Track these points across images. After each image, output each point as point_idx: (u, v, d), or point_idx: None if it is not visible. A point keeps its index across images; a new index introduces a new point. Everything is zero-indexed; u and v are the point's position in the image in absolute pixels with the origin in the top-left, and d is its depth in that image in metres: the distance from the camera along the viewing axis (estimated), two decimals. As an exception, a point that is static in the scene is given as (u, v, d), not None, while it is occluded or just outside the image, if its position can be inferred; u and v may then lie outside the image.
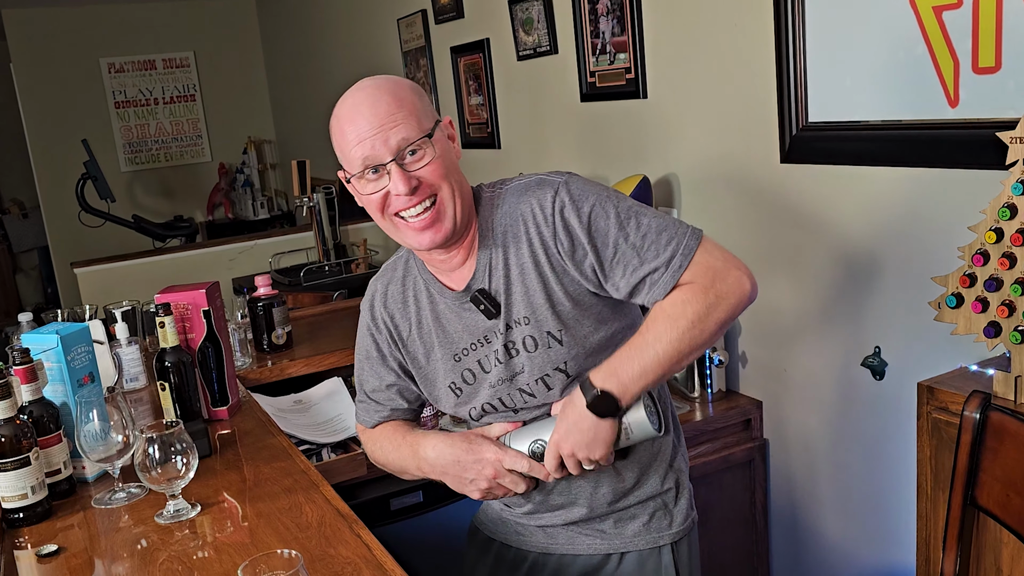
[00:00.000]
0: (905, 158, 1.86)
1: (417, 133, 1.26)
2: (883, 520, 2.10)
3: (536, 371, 1.37)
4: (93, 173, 5.26)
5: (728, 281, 1.29)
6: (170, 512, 1.44)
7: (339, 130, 1.30)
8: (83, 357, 1.61)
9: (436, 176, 1.28)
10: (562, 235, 1.32)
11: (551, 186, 1.34)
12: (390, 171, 1.26)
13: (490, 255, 1.37)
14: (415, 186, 1.27)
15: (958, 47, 1.71)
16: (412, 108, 1.27)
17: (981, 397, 1.45)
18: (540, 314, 1.35)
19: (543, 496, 1.46)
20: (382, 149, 1.25)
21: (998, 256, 1.47)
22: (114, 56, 6.35)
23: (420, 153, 1.27)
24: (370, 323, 1.51)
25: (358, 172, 1.28)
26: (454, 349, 1.42)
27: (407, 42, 4.18)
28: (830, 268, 2.12)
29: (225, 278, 4.30)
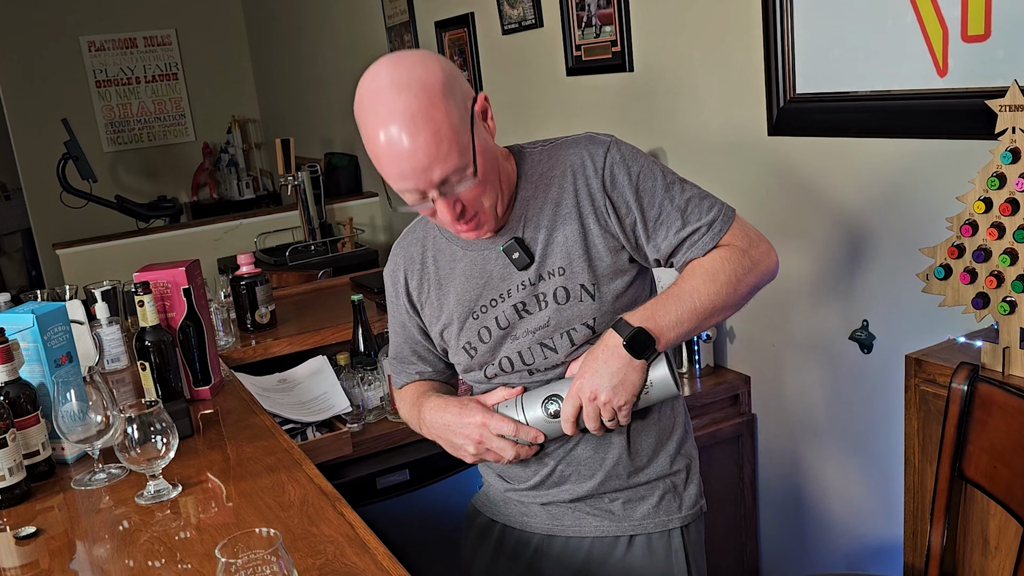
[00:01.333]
0: (894, 129, 1.84)
1: (457, 163, 1.22)
2: (871, 493, 2.10)
3: (563, 324, 1.35)
4: (74, 153, 5.19)
5: (761, 249, 1.36)
6: (151, 492, 1.42)
7: (375, 156, 1.25)
8: (60, 337, 1.58)
9: (478, 195, 1.27)
10: (610, 188, 1.33)
11: (602, 143, 1.36)
12: (434, 199, 1.25)
13: (528, 204, 1.36)
14: (461, 209, 1.27)
15: (947, 15, 1.69)
16: (451, 137, 1.21)
17: (969, 369, 1.44)
18: (576, 265, 1.34)
19: (548, 469, 1.42)
20: (425, 184, 1.23)
21: (987, 226, 1.46)
22: (94, 34, 6.26)
23: (464, 179, 1.25)
24: (391, 288, 1.51)
25: (401, 194, 1.28)
26: (472, 306, 1.40)
27: (391, 17, 4.13)
28: (818, 241, 2.11)
29: (210, 258, 4.26)
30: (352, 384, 2.12)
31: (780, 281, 2.22)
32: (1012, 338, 1.47)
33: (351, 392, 2.12)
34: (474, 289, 1.39)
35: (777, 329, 2.27)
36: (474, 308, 1.39)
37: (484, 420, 1.35)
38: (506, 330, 1.38)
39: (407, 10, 3.93)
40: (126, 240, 4.44)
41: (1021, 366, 1.46)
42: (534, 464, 1.43)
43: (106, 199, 5.63)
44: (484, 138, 1.28)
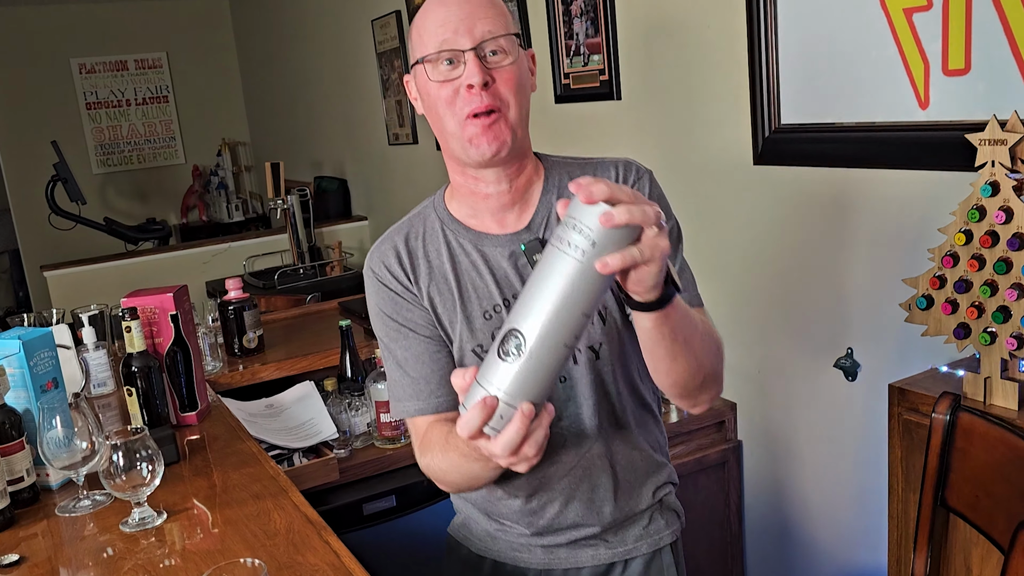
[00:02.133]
0: (877, 160, 1.86)
1: (503, 30, 1.19)
2: (856, 520, 2.11)
3: None
4: (63, 175, 5.19)
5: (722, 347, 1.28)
6: (135, 520, 1.41)
7: (423, 12, 1.21)
8: (46, 363, 1.58)
9: (509, 86, 1.19)
10: None
11: (636, 168, 1.33)
12: (467, 60, 1.17)
13: (552, 210, 1.29)
14: (488, 82, 1.18)
15: (928, 49, 1.72)
16: (502, 10, 1.21)
17: (951, 398, 1.45)
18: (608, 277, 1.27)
19: (548, 520, 1.36)
20: (465, 36, 1.17)
21: (967, 258, 1.48)
22: (85, 57, 6.28)
23: (501, 55, 1.19)
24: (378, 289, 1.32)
25: (432, 53, 1.19)
26: (484, 305, 1.28)
27: (381, 43, 4.16)
28: (803, 269, 2.13)
29: (199, 281, 4.26)
30: (339, 410, 2.12)
31: (765, 308, 2.24)
32: (993, 368, 1.48)
33: (338, 418, 2.12)
34: (486, 286, 1.28)
35: (763, 356, 2.28)
36: (487, 308, 1.29)
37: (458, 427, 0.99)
38: None
39: (397, 36, 3.96)
40: (114, 262, 4.43)
41: (1002, 396, 1.48)
42: (528, 517, 1.37)
43: (95, 221, 5.63)
44: (526, 64, 1.24)
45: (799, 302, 2.15)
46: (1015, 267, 1.41)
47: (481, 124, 1.19)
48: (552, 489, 1.34)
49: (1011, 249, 1.41)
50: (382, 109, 4.31)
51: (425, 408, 1.29)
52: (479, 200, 1.29)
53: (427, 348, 1.30)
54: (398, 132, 4.20)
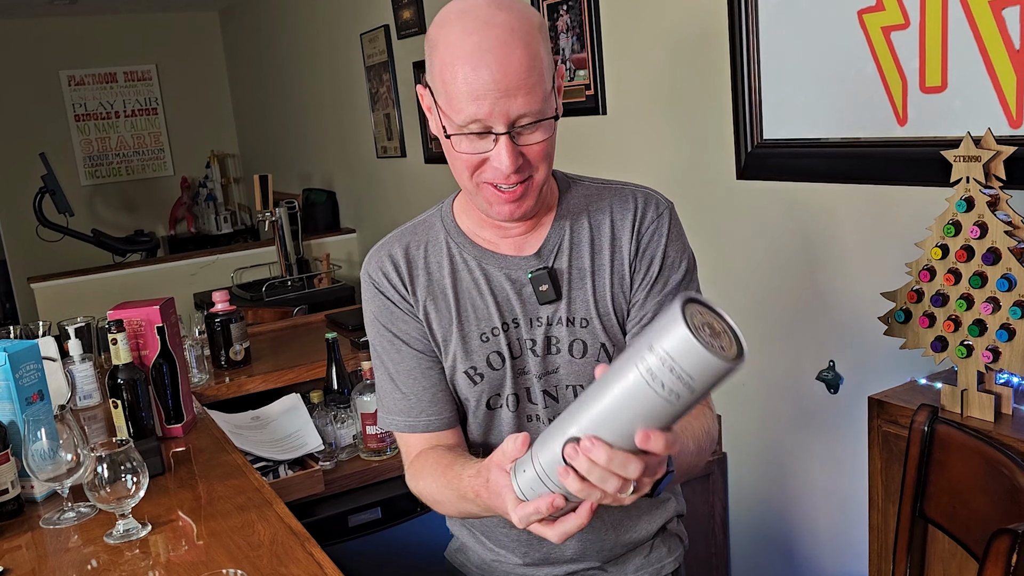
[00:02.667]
0: (857, 175, 1.89)
1: (539, 106, 1.09)
2: (839, 531, 2.12)
3: (573, 378, 1.24)
4: (51, 187, 5.18)
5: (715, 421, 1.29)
6: (120, 532, 1.42)
7: (450, 65, 1.08)
8: (32, 375, 1.58)
9: (539, 158, 1.13)
10: (642, 252, 1.25)
11: (657, 204, 1.28)
12: (498, 140, 1.10)
13: (565, 237, 1.24)
14: (520, 164, 1.12)
15: (906, 67, 1.75)
16: (541, 72, 1.08)
17: (929, 410, 1.47)
18: (602, 322, 1.23)
19: (545, 552, 1.32)
20: (499, 117, 1.07)
21: (944, 272, 1.50)
22: (74, 69, 6.29)
23: (534, 130, 1.11)
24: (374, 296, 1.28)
25: (460, 126, 1.10)
26: (483, 326, 1.24)
27: (370, 57, 4.18)
28: (785, 283, 2.15)
29: (186, 293, 4.26)
30: (325, 422, 2.13)
31: (748, 321, 2.26)
32: (970, 381, 1.50)
33: (324, 430, 2.13)
34: (486, 307, 1.24)
35: (747, 368, 2.29)
36: (484, 330, 1.24)
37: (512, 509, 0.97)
38: (517, 360, 1.24)
39: (386, 50, 3.99)
40: (102, 274, 4.43)
41: (979, 408, 1.50)
42: (524, 547, 1.34)
43: (83, 233, 5.62)
44: (555, 126, 1.15)
45: (782, 315, 2.17)
46: (990, 281, 1.43)
47: (504, 197, 1.15)
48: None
49: (986, 263, 1.43)
50: (371, 122, 4.33)
51: (415, 426, 1.27)
52: (489, 226, 1.25)
53: (420, 363, 1.27)
54: (386, 145, 4.22)
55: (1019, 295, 1.41)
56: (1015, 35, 1.54)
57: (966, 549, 1.40)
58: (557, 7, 2.73)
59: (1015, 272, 1.40)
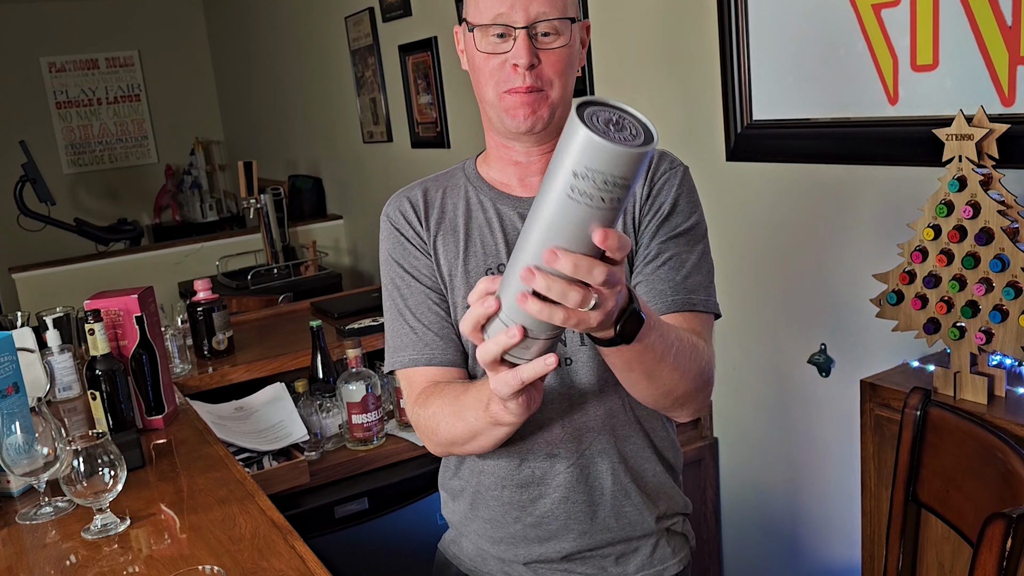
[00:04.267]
0: (848, 155, 1.86)
1: (559, 13, 1.18)
2: (831, 515, 2.11)
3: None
4: (32, 175, 5.11)
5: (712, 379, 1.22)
6: (97, 527, 1.38)
7: None
8: (6, 367, 1.54)
9: (555, 69, 1.19)
10: (652, 199, 1.25)
11: (671, 159, 1.30)
12: (517, 37, 1.17)
13: None
14: (534, 64, 1.17)
15: (897, 45, 1.72)
16: None
17: (921, 393, 1.45)
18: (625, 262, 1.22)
19: (533, 519, 1.29)
20: (520, 12, 1.16)
21: (936, 253, 1.48)
22: (55, 55, 6.20)
23: (553, 36, 1.18)
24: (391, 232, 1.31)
25: (484, 24, 1.18)
26: (488, 262, 1.26)
27: (355, 40, 4.13)
28: (776, 265, 2.12)
29: (171, 282, 4.21)
30: (310, 412, 2.10)
31: (739, 305, 2.24)
32: (963, 363, 1.48)
33: (309, 420, 2.09)
34: (495, 243, 1.27)
35: (738, 352, 2.28)
36: (491, 264, 1.27)
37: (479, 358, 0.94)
38: None
39: (371, 34, 3.94)
40: (84, 264, 4.38)
41: (971, 391, 1.48)
42: (516, 511, 1.30)
43: (65, 222, 5.55)
44: (578, 44, 1.23)
45: (773, 298, 2.15)
46: (983, 261, 1.41)
47: (520, 99, 1.19)
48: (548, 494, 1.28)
49: (978, 244, 1.41)
50: (356, 107, 4.28)
51: (419, 359, 1.26)
52: (508, 165, 1.29)
53: (428, 298, 1.28)
54: (372, 130, 4.17)
55: (1012, 276, 1.38)
56: (1007, 11, 1.52)
57: (960, 534, 1.39)
58: (542, -12, 2.69)
59: (1008, 252, 1.38)
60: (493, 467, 1.30)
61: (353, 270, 4.71)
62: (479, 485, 1.32)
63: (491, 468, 1.30)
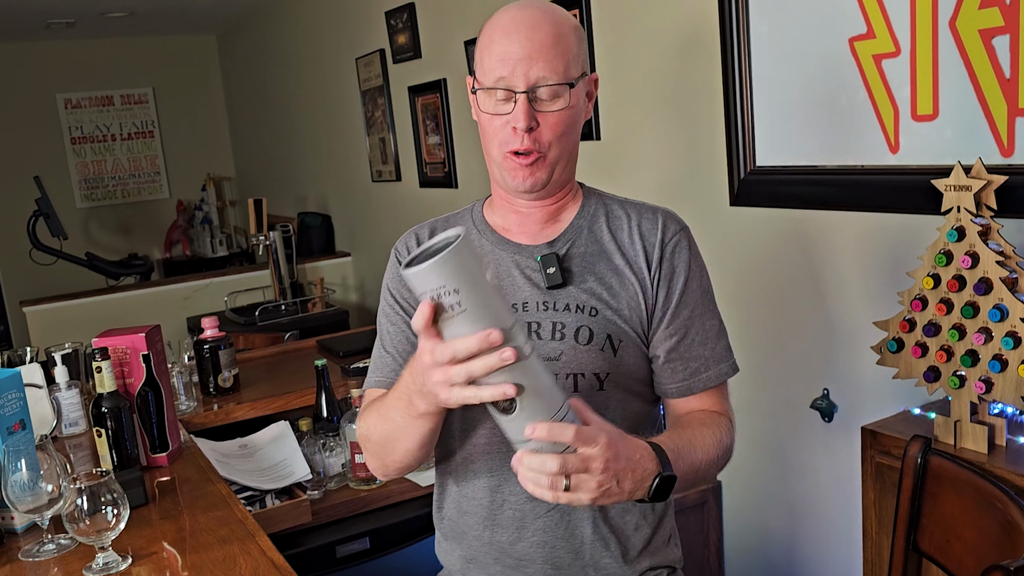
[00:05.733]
0: (850, 202, 1.88)
1: (559, 78, 1.21)
2: (834, 562, 2.10)
3: (575, 365, 1.25)
4: (45, 210, 5.17)
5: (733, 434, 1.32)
6: (99, 565, 1.39)
7: (488, 38, 1.25)
8: (13, 404, 1.56)
9: (554, 132, 1.23)
10: (666, 266, 1.30)
11: (679, 222, 1.34)
12: (517, 100, 1.21)
13: (584, 232, 1.31)
14: (532, 127, 1.22)
15: (897, 95, 1.75)
16: (566, 49, 1.22)
17: (922, 442, 1.45)
18: (613, 315, 1.27)
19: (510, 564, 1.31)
20: (520, 77, 1.21)
21: (936, 301, 1.49)
22: (71, 92, 6.29)
23: (554, 99, 1.22)
24: (392, 263, 1.39)
25: (488, 87, 1.24)
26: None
27: (365, 81, 4.19)
28: (779, 309, 2.13)
29: (180, 317, 4.24)
30: (314, 450, 2.11)
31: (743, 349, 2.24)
32: (963, 412, 1.49)
33: (312, 458, 2.10)
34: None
35: (741, 395, 2.28)
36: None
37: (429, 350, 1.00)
38: None
39: (381, 75, 3.99)
40: (95, 298, 4.41)
41: (972, 440, 1.48)
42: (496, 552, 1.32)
43: (76, 256, 5.60)
44: (581, 102, 1.27)
45: (776, 342, 2.15)
46: (982, 311, 1.42)
47: (519, 162, 1.24)
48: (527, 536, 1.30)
49: (977, 293, 1.42)
50: (366, 146, 4.33)
51: (382, 381, 1.32)
52: (510, 213, 1.34)
53: (408, 329, 1.33)
54: (381, 169, 4.22)
55: (1011, 326, 1.39)
56: (1006, 64, 1.54)
57: (961, 584, 1.38)
58: (550, 33, 2.74)
59: (1007, 302, 1.39)
60: (476, 507, 1.32)
61: (360, 307, 4.73)
62: (463, 525, 1.35)
63: (474, 508, 1.33)
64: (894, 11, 1.71)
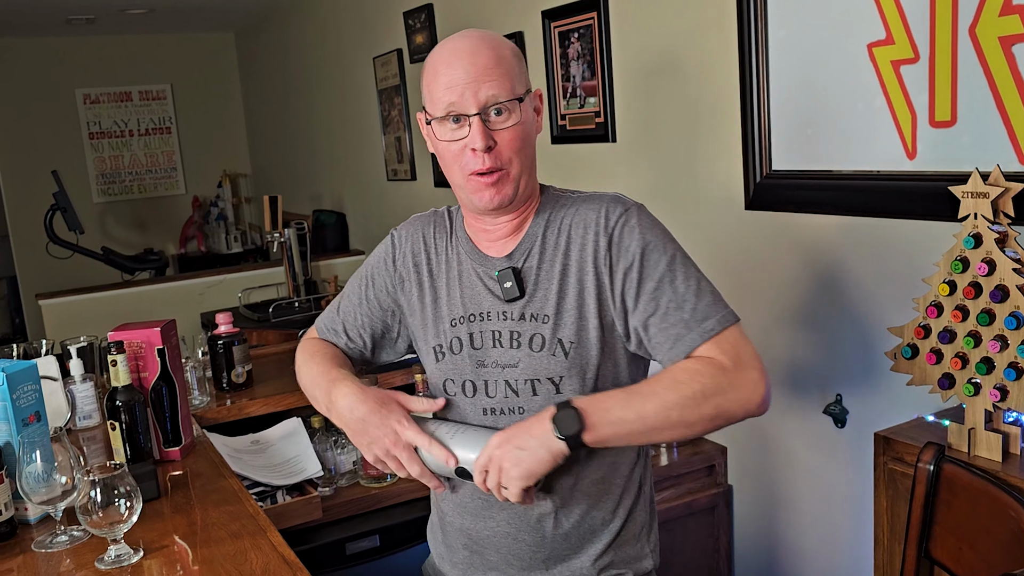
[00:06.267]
0: (866, 208, 1.87)
1: (507, 95, 1.26)
2: (845, 569, 2.09)
3: (531, 372, 1.31)
4: (62, 204, 5.21)
5: (746, 375, 1.23)
6: (111, 557, 1.40)
7: (432, 71, 1.29)
8: (29, 396, 1.57)
9: (511, 148, 1.27)
10: (615, 250, 1.30)
11: (623, 204, 1.34)
12: (471, 124, 1.25)
13: (538, 240, 1.35)
14: (491, 146, 1.26)
15: (916, 101, 1.74)
16: (508, 69, 1.27)
17: (935, 449, 1.44)
18: (563, 319, 1.30)
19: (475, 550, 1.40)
20: (470, 100, 1.24)
21: (951, 308, 1.48)
22: (90, 87, 6.34)
23: (505, 115, 1.26)
24: (387, 251, 1.48)
25: (440, 116, 1.27)
26: (453, 313, 1.38)
27: (383, 80, 4.20)
28: (793, 314, 2.13)
29: (194, 313, 4.26)
30: (325, 447, 2.11)
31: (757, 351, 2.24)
32: (977, 419, 1.48)
33: (324, 455, 2.11)
34: (459, 296, 1.38)
35: (752, 401, 2.27)
36: (454, 315, 1.38)
37: (400, 426, 1.29)
38: (478, 351, 1.34)
39: (398, 74, 4.00)
40: (109, 292, 4.43)
41: (986, 447, 1.47)
42: (464, 538, 1.42)
43: (92, 251, 5.64)
44: (531, 116, 1.31)
45: (789, 347, 2.15)
46: (998, 319, 1.41)
47: (484, 181, 1.28)
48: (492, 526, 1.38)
49: (993, 301, 1.41)
50: (381, 145, 4.34)
51: (324, 332, 1.54)
52: (478, 231, 1.39)
53: (366, 308, 1.48)
54: (396, 168, 4.23)
55: (1028, 334, 1.38)
56: (1025, 70, 1.53)
57: (972, 593, 1.37)
58: (568, 35, 2.74)
59: (1023, 310, 1.38)
60: (451, 496, 1.42)
61: (373, 305, 4.73)
62: (443, 512, 1.46)
63: (449, 496, 1.42)
64: (913, 17, 1.70)
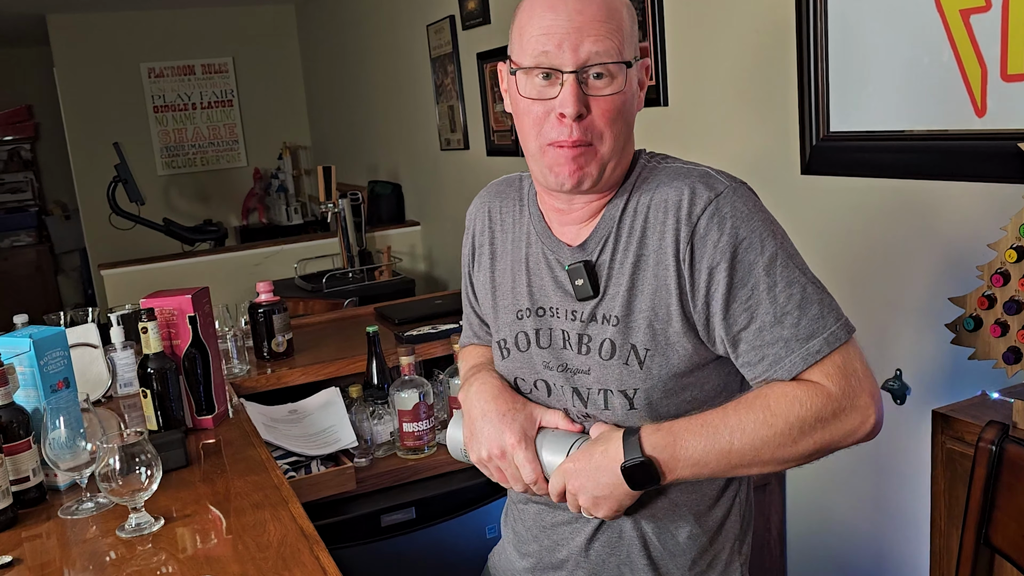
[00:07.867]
0: (929, 170, 1.75)
1: (614, 55, 1.05)
2: (900, 551, 1.98)
3: (601, 382, 1.14)
4: (124, 176, 5.30)
5: (855, 403, 1.06)
6: (132, 525, 1.38)
7: (528, 10, 1.08)
8: (58, 362, 1.56)
9: (606, 120, 1.07)
10: (699, 245, 1.08)
11: (712, 186, 1.11)
12: (564, 82, 1.05)
13: (614, 226, 1.14)
14: (582, 114, 1.06)
15: (986, 53, 1.61)
16: (620, 25, 1.06)
17: (998, 428, 1.33)
18: (635, 321, 1.11)
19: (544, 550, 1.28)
20: (568, 54, 1.04)
21: (1019, 277, 1.36)
22: (154, 61, 6.42)
23: (606, 80, 1.06)
24: (465, 232, 1.36)
25: (528, 66, 1.07)
26: (518, 303, 1.22)
27: (436, 48, 4.14)
28: (850, 283, 2.01)
29: (250, 282, 4.28)
30: (362, 418, 2.08)
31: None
32: (1045, 397, 1.36)
33: (360, 426, 2.08)
34: (526, 284, 1.22)
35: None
36: (520, 306, 1.22)
37: (515, 446, 1.16)
38: (545, 350, 1.19)
39: (451, 42, 3.94)
40: (169, 263, 4.49)
41: (1055, 428, 1.36)
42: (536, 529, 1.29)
43: (153, 221, 5.73)
44: (635, 88, 1.11)
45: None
46: (1070, 288, 1.29)
47: (565, 154, 1.08)
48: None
49: (1066, 268, 1.29)
50: (435, 114, 4.29)
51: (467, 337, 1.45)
52: (549, 210, 1.21)
53: (472, 298, 1.38)
54: (449, 137, 4.17)
55: (1104, 304, 1.26)
56: (1108, 15, 1.39)
57: (1035, 585, 1.27)
58: (618, -6, 2.63)
59: (1100, 278, 1.26)
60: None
61: (428, 276, 4.71)
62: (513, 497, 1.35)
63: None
64: (984, -40, 1.57)
